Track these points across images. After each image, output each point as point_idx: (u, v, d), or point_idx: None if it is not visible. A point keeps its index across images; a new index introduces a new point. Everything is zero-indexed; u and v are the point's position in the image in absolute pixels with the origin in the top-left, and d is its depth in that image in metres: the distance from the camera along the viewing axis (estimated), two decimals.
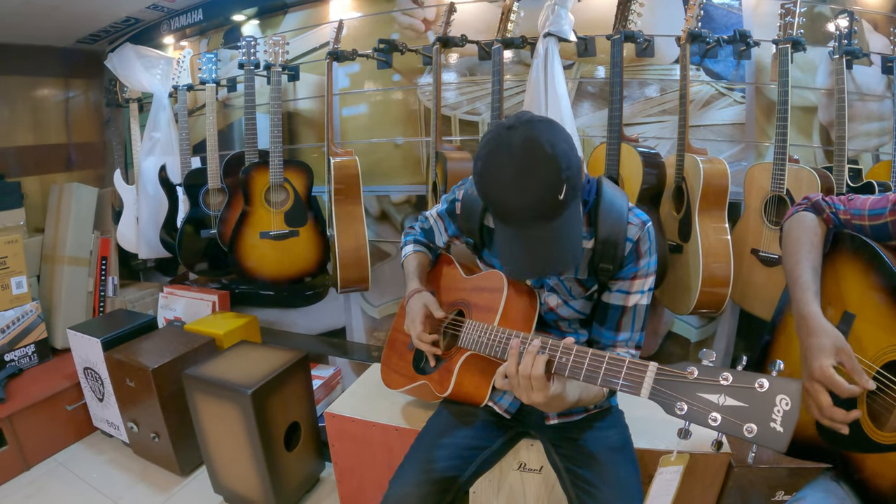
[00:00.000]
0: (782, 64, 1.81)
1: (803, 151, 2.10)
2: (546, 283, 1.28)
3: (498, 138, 1.01)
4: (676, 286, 1.92)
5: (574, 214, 1.04)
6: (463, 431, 1.32)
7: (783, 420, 0.72)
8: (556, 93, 1.86)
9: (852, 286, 1.10)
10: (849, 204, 1.14)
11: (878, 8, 2.06)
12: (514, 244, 1.05)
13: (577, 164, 1.01)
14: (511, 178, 0.98)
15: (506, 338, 1.13)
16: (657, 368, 0.84)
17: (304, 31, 2.56)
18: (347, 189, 2.20)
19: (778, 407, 0.73)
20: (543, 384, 0.98)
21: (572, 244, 1.04)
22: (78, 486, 2.22)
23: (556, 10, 1.89)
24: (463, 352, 1.28)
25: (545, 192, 0.97)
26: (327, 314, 2.85)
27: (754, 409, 0.75)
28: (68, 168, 3.28)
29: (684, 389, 0.80)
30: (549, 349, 1.00)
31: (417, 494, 1.18)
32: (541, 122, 1.02)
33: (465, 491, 1.31)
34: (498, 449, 1.35)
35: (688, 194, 1.86)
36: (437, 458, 1.25)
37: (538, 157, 0.96)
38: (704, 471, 1.50)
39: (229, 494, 2.05)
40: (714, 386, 0.78)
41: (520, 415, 1.37)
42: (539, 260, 1.03)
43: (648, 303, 1.26)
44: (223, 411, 1.83)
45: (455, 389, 1.27)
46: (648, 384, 0.84)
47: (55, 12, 2.64)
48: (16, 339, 2.62)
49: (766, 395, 0.74)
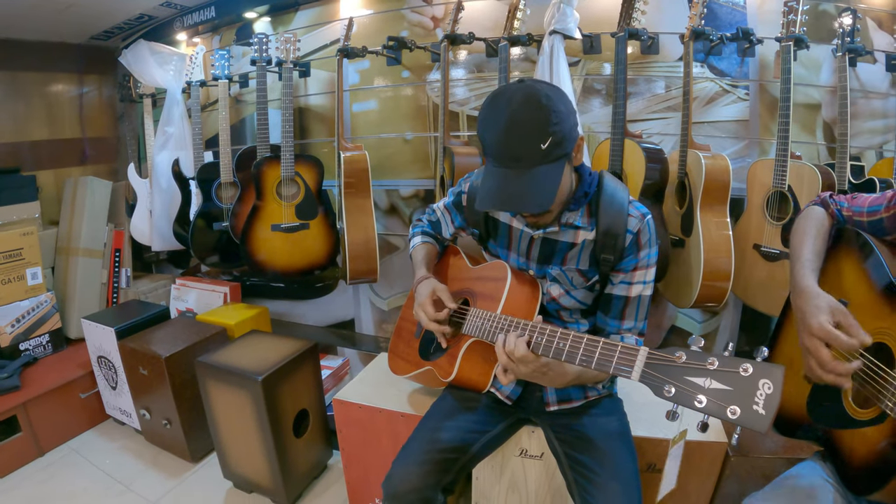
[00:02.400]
0: (785, 62, 1.84)
1: (807, 148, 2.13)
2: (548, 272, 1.33)
3: (505, 89, 1.12)
4: (678, 280, 1.96)
5: (555, 170, 1.10)
6: (466, 415, 1.38)
7: (765, 403, 0.77)
8: (562, 89, 1.90)
9: (847, 275, 1.16)
10: (852, 202, 1.21)
11: (882, 6, 2.07)
12: (494, 179, 1.13)
13: (570, 126, 1.10)
14: (504, 120, 1.08)
15: (507, 325, 1.18)
16: (648, 353, 0.89)
17: (314, 29, 2.61)
18: (357, 183, 2.26)
19: (761, 391, 0.77)
20: (529, 358, 1.06)
21: (544, 192, 1.10)
22: (91, 471, 2.30)
23: (562, 8, 1.94)
24: (466, 338, 1.33)
25: (531, 139, 1.07)
26: (337, 306, 2.92)
27: (738, 392, 0.79)
28: (82, 162, 3.36)
29: (673, 373, 0.85)
30: (538, 331, 1.08)
31: (419, 473, 1.24)
32: (547, 84, 1.12)
33: (465, 473, 1.37)
34: (499, 434, 1.40)
35: (690, 190, 1.90)
36: (439, 440, 1.31)
37: (532, 107, 1.06)
38: (701, 460, 1.55)
39: (239, 480, 2.12)
40: (701, 370, 0.83)
41: (521, 401, 1.42)
42: (509, 196, 1.11)
43: (651, 293, 1.31)
44: (234, 398, 1.90)
45: (459, 375, 1.33)
46: (639, 367, 0.89)
47: (70, 9, 2.71)
48: (31, 328, 2.70)
49: (749, 379, 0.79)
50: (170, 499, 2.12)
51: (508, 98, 1.09)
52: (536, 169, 1.08)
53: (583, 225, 1.27)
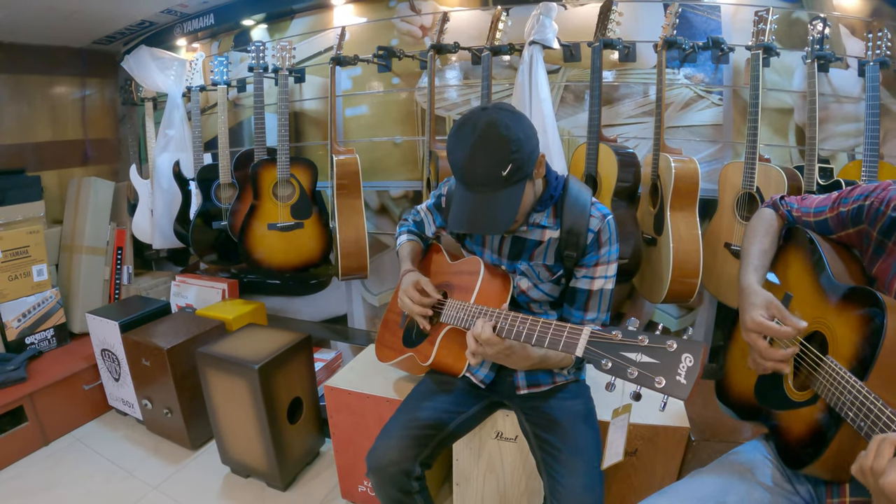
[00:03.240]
0: (754, 69, 1.98)
1: (779, 151, 2.27)
2: (518, 267, 1.48)
3: (470, 116, 1.26)
4: (651, 276, 2.11)
5: (516, 192, 1.26)
6: (442, 397, 1.54)
7: (686, 374, 0.92)
8: (539, 97, 2.06)
9: (794, 270, 1.29)
10: (801, 203, 1.33)
11: (854, 13, 2.21)
12: (463, 202, 1.28)
13: (529, 150, 1.24)
14: (469, 148, 1.23)
15: (478, 313, 1.33)
16: (591, 332, 1.04)
17: (309, 36, 2.77)
18: (349, 184, 2.42)
19: (683, 364, 0.92)
20: (495, 341, 1.21)
21: (506, 215, 1.25)
22: (95, 459, 2.45)
23: (541, 20, 2.09)
24: (444, 326, 1.49)
25: (492, 166, 1.22)
26: (330, 302, 3.08)
27: (664, 365, 0.94)
28: (84, 163, 3.51)
29: (610, 349, 1.00)
30: (503, 317, 1.23)
31: (399, 446, 1.40)
32: (509, 111, 1.26)
33: (441, 449, 1.52)
34: (474, 415, 1.56)
35: (662, 191, 2.05)
36: (418, 418, 1.46)
37: (493, 137, 1.21)
38: (666, 443, 1.70)
39: (236, 465, 2.28)
40: (634, 346, 0.98)
41: (494, 385, 1.58)
42: (475, 219, 1.27)
43: (613, 287, 1.46)
44: (232, 385, 2.05)
45: (436, 359, 1.48)
46: (583, 344, 1.04)
47: (74, 15, 2.86)
48: (36, 323, 2.86)
49: (674, 353, 0.94)
50: (171, 483, 2.27)
51: (472, 127, 1.23)
52: (499, 192, 1.24)
53: (548, 224, 1.43)
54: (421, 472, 1.42)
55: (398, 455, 1.40)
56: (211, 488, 2.24)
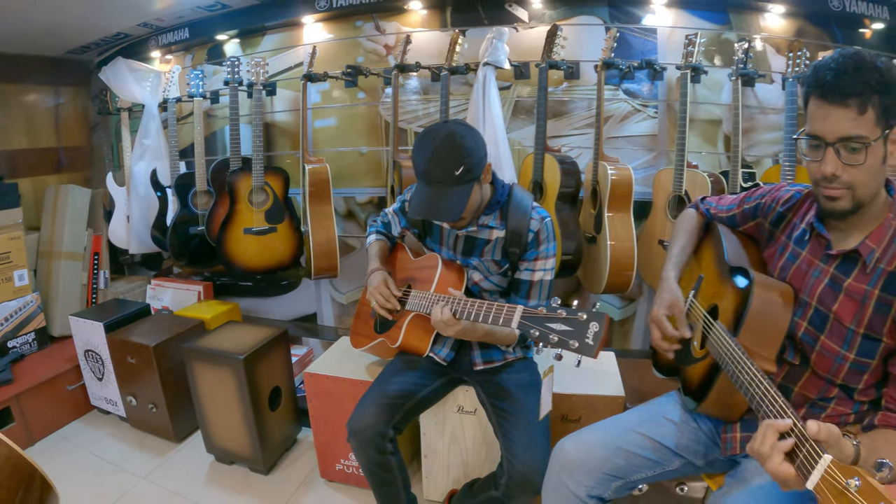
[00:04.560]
0: (682, 86, 2.35)
1: (710, 158, 2.64)
2: (470, 262, 1.81)
3: (433, 127, 1.62)
4: (592, 270, 2.47)
5: (465, 190, 1.58)
6: (410, 373, 1.86)
7: (593, 337, 1.26)
8: (492, 112, 2.40)
9: (706, 256, 1.62)
10: (718, 202, 1.66)
11: (780, 33, 2.57)
12: (422, 194, 1.61)
13: (478, 157, 1.58)
14: (431, 151, 1.56)
15: (437, 300, 1.65)
16: (523, 309, 1.37)
17: (280, 52, 3.06)
18: (319, 191, 2.72)
19: (591, 329, 1.26)
20: (453, 322, 1.54)
21: (455, 207, 1.58)
22: (82, 455, 2.66)
23: (494, 43, 2.42)
24: (409, 313, 1.81)
25: (448, 166, 1.55)
26: (300, 302, 3.38)
27: (577, 331, 1.28)
28: (58, 170, 3.71)
29: (537, 321, 1.33)
30: (458, 302, 1.55)
31: (373, 413, 1.72)
32: (465, 125, 1.61)
33: (410, 416, 1.84)
34: (437, 388, 1.89)
35: (600, 195, 2.40)
36: (389, 389, 1.79)
37: (450, 144, 1.55)
38: (605, 410, 2.02)
39: (220, 453, 2.54)
40: (554, 318, 1.31)
41: (454, 363, 1.90)
42: (431, 208, 1.59)
43: (552, 278, 1.79)
44: (219, 376, 2.32)
45: (404, 341, 1.80)
46: (517, 320, 1.37)
47: (52, 28, 3.04)
48: (18, 327, 3.06)
49: (584, 322, 1.28)
50: (159, 473, 2.51)
51: (434, 135, 1.57)
52: (452, 189, 1.57)
53: (495, 225, 1.76)
54: (393, 434, 1.74)
55: (374, 419, 1.71)
56: (197, 476, 2.49)
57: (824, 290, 1.24)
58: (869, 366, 1.19)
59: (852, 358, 1.19)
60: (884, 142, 1.09)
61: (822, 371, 1.25)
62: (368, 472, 1.78)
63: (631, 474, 1.43)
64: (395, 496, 1.82)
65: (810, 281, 1.27)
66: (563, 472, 1.44)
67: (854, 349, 1.19)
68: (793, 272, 1.33)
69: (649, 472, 1.45)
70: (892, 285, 1.13)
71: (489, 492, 1.80)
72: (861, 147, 1.08)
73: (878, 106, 1.06)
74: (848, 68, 1.07)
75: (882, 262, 1.15)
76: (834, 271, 1.23)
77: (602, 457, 1.42)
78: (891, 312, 1.13)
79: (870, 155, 1.09)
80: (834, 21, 2.54)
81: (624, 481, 1.43)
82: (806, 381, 1.29)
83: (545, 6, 2.61)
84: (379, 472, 1.76)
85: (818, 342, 1.24)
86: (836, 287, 1.22)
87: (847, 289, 1.19)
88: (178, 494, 2.36)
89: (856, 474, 0.78)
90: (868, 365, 1.19)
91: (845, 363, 1.20)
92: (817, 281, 1.25)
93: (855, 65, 1.07)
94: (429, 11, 2.74)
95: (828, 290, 1.23)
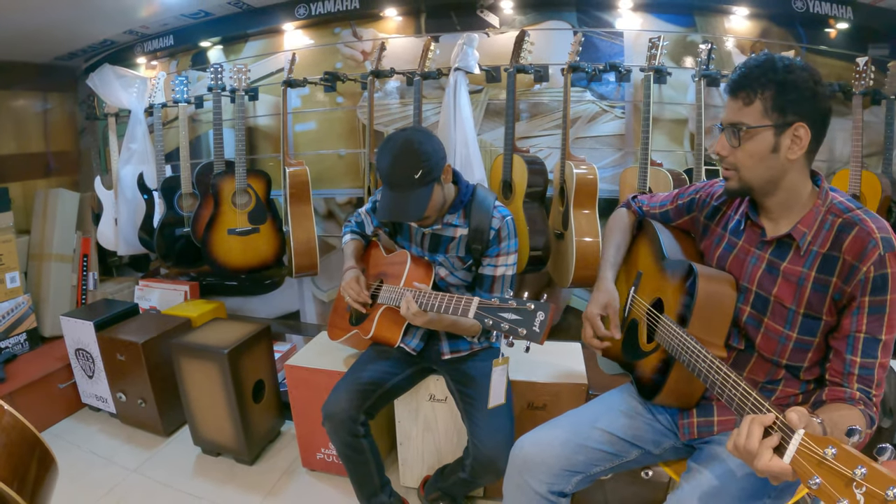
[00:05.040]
0: (646, 88, 2.48)
1: (676, 156, 2.77)
2: (436, 259, 1.95)
3: (392, 135, 1.76)
4: (560, 265, 2.60)
5: (426, 191, 1.72)
6: (382, 362, 2.00)
7: (539, 325, 1.39)
8: (462, 115, 2.54)
9: (643, 252, 1.73)
10: (650, 200, 1.77)
11: (745, 34, 2.70)
12: (386, 198, 1.76)
13: (436, 160, 1.72)
14: (390, 158, 1.71)
15: (405, 293, 1.79)
16: (479, 301, 1.51)
17: (262, 58, 3.19)
18: (299, 193, 2.86)
19: (538, 318, 1.40)
20: (420, 313, 1.68)
21: (417, 208, 1.72)
22: (74, 451, 2.78)
23: (465, 49, 2.56)
24: (380, 306, 1.95)
25: (406, 171, 1.69)
26: (284, 300, 3.53)
27: (525, 320, 1.42)
28: (47, 174, 3.84)
29: (491, 311, 1.47)
30: (423, 295, 1.69)
31: (346, 398, 1.86)
32: (422, 132, 1.75)
33: (381, 403, 1.98)
34: (408, 376, 2.03)
35: (567, 193, 2.54)
36: (361, 377, 1.93)
37: (408, 149, 1.70)
38: (568, 398, 2.16)
39: (207, 444, 2.67)
40: (506, 308, 1.45)
41: (423, 353, 2.04)
42: (395, 210, 1.74)
43: (513, 273, 1.93)
44: (204, 370, 2.45)
45: (375, 333, 1.94)
46: (474, 310, 1.51)
47: (39, 34, 3.17)
48: (10, 327, 3.19)
49: (532, 312, 1.41)
50: (148, 466, 2.63)
51: (393, 143, 1.72)
52: (413, 191, 1.70)
53: (459, 224, 1.89)
54: (365, 419, 1.88)
55: (346, 404, 1.85)
56: (185, 467, 2.63)
57: (763, 275, 1.33)
58: (812, 344, 1.28)
59: (795, 337, 1.28)
60: (773, 132, 1.22)
61: (767, 353, 1.34)
62: (342, 455, 1.92)
63: (590, 468, 1.50)
64: (368, 477, 1.96)
65: (748, 268, 1.37)
66: (523, 471, 1.50)
67: (796, 328, 1.28)
68: (731, 261, 1.43)
69: (608, 465, 1.51)
70: (826, 266, 1.22)
71: (457, 474, 1.94)
72: (737, 132, 1.25)
73: (769, 100, 1.20)
74: (753, 69, 1.22)
75: (815, 244, 1.24)
76: (770, 256, 1.33)
77: (560, 454, 1.48)
78: (829, 291, 1.22)
79: (750, 140, 1.24)
80: (798, 21, 2.65)
81: (584, 475, 1.49)
82: (753, 365, 1.38)
83: (516, 12, 2.75)
84: (352, 454, 1.90)
85: (762, 324, 1.34)
86: (773, 271, 1.31)
87: (784, 272, 1.29)
88: (167, 485, 2.49)
89: (830, 443, 0.84)
90: (811, 343, 1.28)
91: (789, 343, 1.29)
92: (755, 267, 1.35)
93: (760, 67, 1.21)
94: (404, 18, 2.88)
95: (766, 274, 1.33)
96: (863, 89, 2.42)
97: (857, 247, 1.19)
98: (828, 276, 1.22)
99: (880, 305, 1.18)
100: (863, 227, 1.20)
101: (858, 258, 1.18)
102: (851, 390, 1.20)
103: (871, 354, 1.19)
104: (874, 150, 2.63)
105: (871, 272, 1.17)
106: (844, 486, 0.81)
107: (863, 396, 1.19)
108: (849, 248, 1.20)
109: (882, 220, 1.21)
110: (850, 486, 0.80)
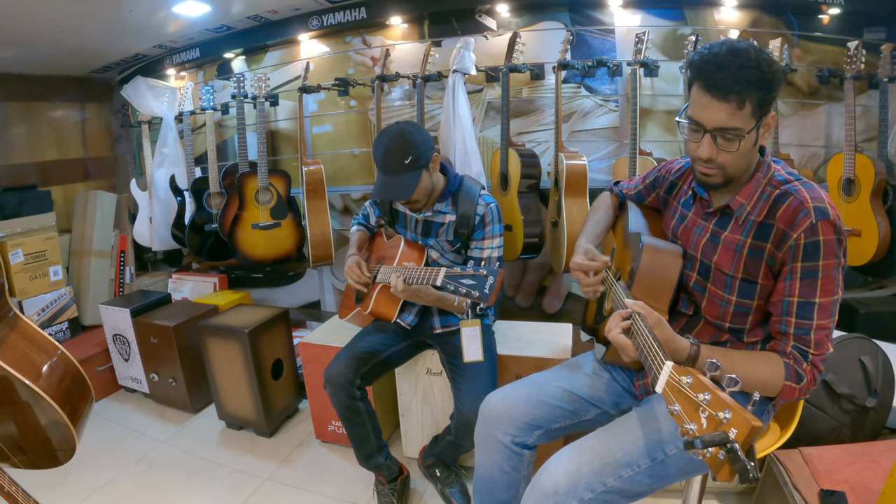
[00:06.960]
0: (633, 81, 2.71)
1: (670, 146, 2.99)
2: (428, 243, 2.26)
3: (387, 127, 2.07)
4: (556, 251, 2.88)
5: (414, 176, 2.01)
6: (378, 334, 2.31)
7: (489, 288, 1.69)
8: (460, 114, 2.84)
9: (619, 231, 1.94)
10: (629, 183, 1.98)
11: (735, 25, 2.87)
12: (380, 181, 2.05)
13: (424, 150, 2.01)
14: (384, 146, 2.01)
15: (394, 271, 2.09)
16: (445, 270, 1.80)
17: (281, 67, 3.57)
18: (315, 190, 3.21)
19: (488, 282, 1.70)
20: (405, 287, 1.96)
21: (406, 189, 2.01)
22: (110, 426, 3.16)
23: (462, 52, 2.87)
24: (378, 285, 2.26)
25: (398, 157, 1.99)
26: (305, 290, 3.90)
27: (479, 284, 1.71)
28: (86, 178, 4.29)
29: (454, 278, 1.76)
30: (407, 271, 1.98)
31: (344, 364, 2.17)
32: (413, 125, 2.06)
33: (377, 371, 2.27)
34: (402, 349, 2.32)
35: (559, 183, 2.82)
36: (358, 346, 2.24)
37: (400, 138, 2.00)
38: None
39: (230, 418, 3.02)
40: (465, 275, 1.74)
41: (417, 327, 2.33)
42: (387, 191, 2.04)
43: (499, 255, 2.21)
44: (227, 348, 2.80)
45: (373, 308, 2.24)
46: (441, 278, 1.79)
47: (78, 51, 3.61)
48: (53, 317, 3.59)
49: (484, 277, 1.71)
50: (177, 438, 2.99)
51: (387, 133, 2.03)
52: (403, 174, 2.00)
53: (447, 211, 2.19)
54: (361, 383, 2.17)
55: (344, 369, 2.16)
56: (210, 439, 2.97)
57: (706, 243, 1.47)
58: (750, 307, 1.41)
59: (735, 300, 1.42)
60: (757, 130, 1.28)
61: (711, 317, 1.49)
62: (342, 416, 2.22)
63: (550, 424, 1.64)
64: (365, 439, 2.25)
65: (694, 237, 1.52)
66: (490, 423, 1.66)
67: (735, 292, 1.41)
68: (681, 231, 1.59)
69: (567, 422, 1.65)
70: (761, 233, 1.34)
71: (446, 438, 2.23)
72: (735, 138, 1.26)
73: (755, 100, 1.22)
74: (731, 66, 1.20)
75: (752, 214, 1.36)
76: (713, 227, 1.46)
77: (523, 409, 1.63)
78: (763, 257, 1.34)
79: (743, 142, 1.28)
80: (789, 9, 2.79)
81: (544, 430, 1.63)
82: (700, 329, 1.53)
83: (512, 15, 3.05)
84: (350, 415, 2.19)
85: (706, 290, 1.48)
86: (715, 240, 1.45)
87: (724, 240, 1.42)
88: (192, 454, 2.83)
89: (688, 373, 0.95)
90: (749, 306, 1.41)
91: (730, 307, 1.43)
92: (700, 237, 1.50)
93: (739, 64, 1.20)
94: (409, 25, 3.22)
95: (709, 243, 1.47)
96: (854, 73, 2.54)
97: (790, 215, 1.29)
98: (762, 243, 1.34)
99: (812, 270, 1.28)
100: (796, 196, 1.29)
101: (790, 225, 1.28)
102: (786, 346, 1.33)
103: (806, 317, 1.30)
104: (873, 134, 2.76)
105: (802, 239, 1.27)
106: (694, 410, 0.94)
107: (795, 353, 1.32)
108: (782, 216, 1.30)
109: (819, 191, 1.31)
110: (698, 411, 0.93)
